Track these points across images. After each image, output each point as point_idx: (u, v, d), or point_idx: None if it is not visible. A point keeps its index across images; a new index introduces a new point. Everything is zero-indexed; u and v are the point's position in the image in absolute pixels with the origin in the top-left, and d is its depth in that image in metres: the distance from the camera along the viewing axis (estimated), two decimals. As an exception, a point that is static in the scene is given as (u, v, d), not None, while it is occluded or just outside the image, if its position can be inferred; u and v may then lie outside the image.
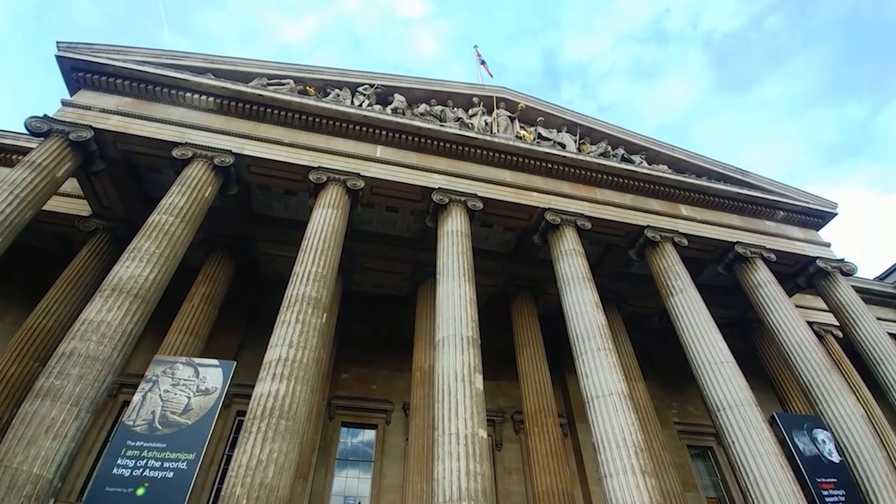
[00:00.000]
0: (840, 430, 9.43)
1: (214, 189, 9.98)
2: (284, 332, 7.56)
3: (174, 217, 8.79)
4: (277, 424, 6.48)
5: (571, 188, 12.35)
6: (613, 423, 7.94)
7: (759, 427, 8.45)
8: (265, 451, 6.20)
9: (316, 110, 11.23)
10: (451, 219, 10.57)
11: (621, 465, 7.45)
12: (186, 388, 6.87)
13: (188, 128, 10.62)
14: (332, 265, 9.00)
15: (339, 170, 10.69)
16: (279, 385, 6.86)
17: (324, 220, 9.55)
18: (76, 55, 10.76)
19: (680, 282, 10.93)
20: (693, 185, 13.08)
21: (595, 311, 9.57)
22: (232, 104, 11.08)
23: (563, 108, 13.98)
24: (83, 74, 10.84)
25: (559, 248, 11.05)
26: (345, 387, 13.74)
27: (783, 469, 8.06)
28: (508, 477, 12.91)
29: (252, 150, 10.54)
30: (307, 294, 8.16)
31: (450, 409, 7.35)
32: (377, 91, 12.59)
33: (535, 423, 10.83)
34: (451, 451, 6.88)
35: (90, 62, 10.78)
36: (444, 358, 8.07)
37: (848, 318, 12.10)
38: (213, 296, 11.24)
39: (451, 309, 8.76)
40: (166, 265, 8.25)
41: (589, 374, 8.73)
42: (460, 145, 11.88)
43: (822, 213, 13.97)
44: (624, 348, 12.95)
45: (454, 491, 6.48)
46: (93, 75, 10.85)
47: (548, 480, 9.93)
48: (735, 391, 8.94)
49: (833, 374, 9.91)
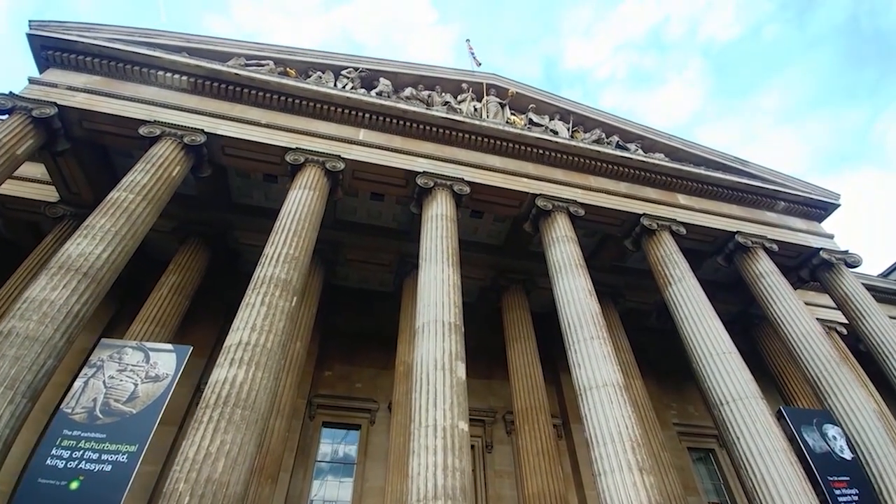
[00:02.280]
0: (851, 425, 8.77)
1: (183, 169, 9.37)
2: (248, 315, 6.91)
3: (135, 195, 8.17)
4: (232, 414, 5.81)
5: (564, 175, 11.79)
6: (608, 416, 7.28)
7: (766, 422, 7.79)
8: (215, 444, 5.52)
9: (296, 91, 10.69)
10: (436, 203, 9.98)
11: (616, 462, 6.77)
12: (134, 374, 6.20)
13: (159, 106, 10.06)
14: (306, 247, 8.38)
15: (319, 151, 10.11)
16: (237, 371, 6.20)
17: (299, 200, 8.94)
18: (46, 33, 10.23)
19: (678, 270, 10.33)
20: (691, 174, 12.56)
21: (588, 298, 8.95)
22: (207, 84, 10.53)
23: (555, 96, 13.47)
24: (53, 52, 10.31)
25: (551, 234, 10.46)
26: (327, 385, 13.05)
27: (793, 467, 7.39)
28: (500, 480, 12.17)
29: (226, 130, 9.96)
30: (276, 275, 7.53)
31: (427, 400, 6.68)
32: (362, 75, 12.07)
33: (525, 420, 10.12)
34: (428, 444, 6.20)
35: (60, 39, 10.24)
36: (424, 345, 7.42)
37: (854, 311, 11.51)
38: (184, 285, 10.58)
39: (433, 294, 8.12)
40: (123, 245, 7.60)
41: (581, 363, 8.08)
42: (447, 129, 11.34)
43: (824, 203, 13.44)
44: (621, 343, 12.30)
45: (429, 488, 5.80)
46: (63, 53, 10.31)
47: (539, 482, 9.20)
48: (739, 384, 8.29)
49: (842, 367, 9.27)
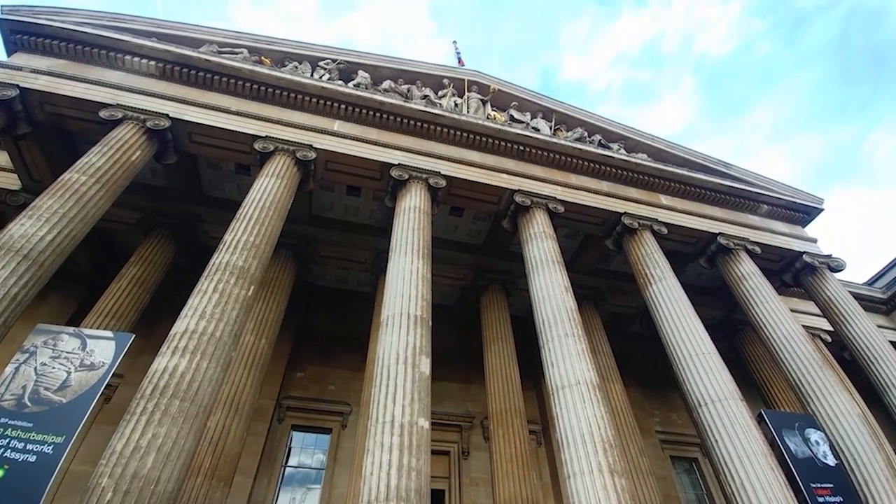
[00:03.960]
0: (835, 430, 8.45)
1: (144, 154, 8.97)
2: (197, 303, 6.48)
3: (88, 177, 7.75)
4: (169, 406, 5.36)
5: (544, 172, 11.54)
6: (580, 416, 6.90)
7: (746, 424, 7.46)
8: (146, 437, 5.06)
9: (269, 79, 10.38)
10: (410, 195, 9.65)
11: (587, 464, 6.38)
12: (69, 361, 5.74)
13: (123, 90, 9.71)
14: (269, 236, 7.98)
15: (289, 140, 9.77)
16: (179, 360, 5.76)
17: (264, 188, 8.57)
18: (16, 17, 9.94)
19: (659, 270, 10.06)
20: (674, 175, 12.37)
21: (564, 295, 8.61)
22: (176, 69, 10.20)
23: (538, 94, 13.30)
24: (22, 37, 10.01)
25: (528, 231, 10.15)
26: (299, 387, 12.54)
27: (773, 471, 7.03)
28: (475, 488, 11.67)
29: (193, 116, 9.60)
30: (232, 262, 7.11)
31: (386, 395, 6.26)
32: (340, 67, 11.80)
33: (499, 424, 9.68)
34: (384, 441, 5.77)
35: (30, 23, 9.95)
36: (386, 338, 7.01)
37: (838, 316, 11.29)
38: (145, 278, 10.10)
39: (400, 286, 7.74)
40: (71, 228, 7.16)
41: (555, 362, 7.71)
42: (426, 123, 11.06)
43: (807, 208, 13.31)
44: (601, 347, 11.97)
45: (381, 490, 5.36)
46: (31, 37, 10.02)
47: (511, 488, 8.74)
48: (718, 384, 7.97)
49: (825, 370, 8.99)
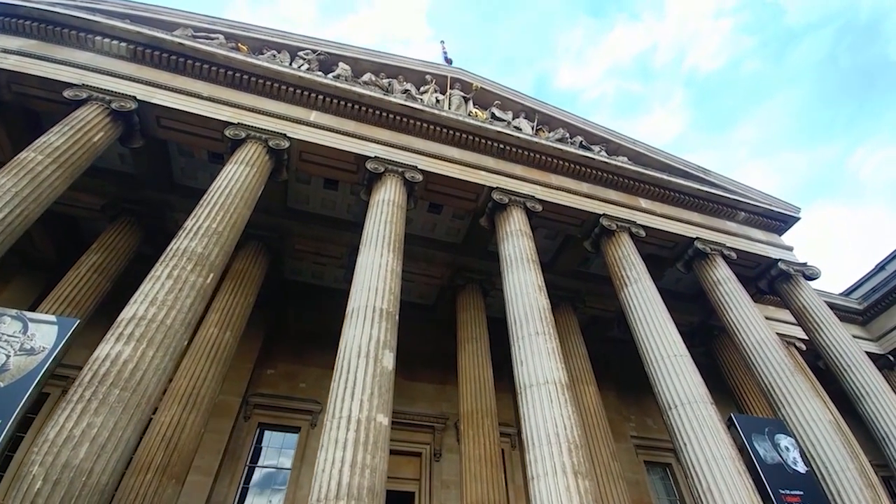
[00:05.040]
0: (806, 436, 8.40)
1: (108, 136, 8.64)
2: (149, 289, 6.18)
3: (45, 157, 7.42)
4: (108, 394, 5.05)
5: (524, 171, 11.42)
6: (546, 416, 6.72)
7: (715, 427, 7.35)
8: (80, 426, 4.75)
9: (244, 66, 10.13)
10: (385, 188, 9.45)
11: (550, 465, 6.20)
12: (8, 344, 5.41)
13: (92, 71, 9.40)
14: (234, 224, 7.70)
15: (263, 128, 9.52)
16: (124, 347, 5.45)
17: (231, 175, 8.29)
18: (-13, -3, 9.65)
19: (635, 272, 9.98)
20: (653, 178, 12.36)
21: (537, 294, 8.46)
22: (147, 52, 9.90)
23: (520, 94, 13.23)
24: (-4, 18, 9.72)
25: (505, 229, 10.01)
26: (268, 384, 12.17)
27: (741, 476, 6.93)
28: (446, 491, 11.41)
29: (162, 100, 9.31)
30: (191, 249, 6.82)
31: (345, 389, 6.01)
32: (320, 58, 11.59)
33: (470, 424, 9.46)
34: (338, 437, 5.52)
35: (2, 3, 9.75)
36: (350, 331, 6.79)
37: (812, 323, 11.33)
38: (106, 266, 9.72)
39: (367, 278, 7.52)
40: (24, 207, 6.82)
41: (524, 360, 7.54)
42: (405, 117, 10.89)
43: (784, 216, 13.41)
44: (577, 349, 11.84)
45: (332, 487, 5.10)
46: (4, 17, 9.82)
47: (479, 490, 8.50)
48: (688, 387, 7.87)
49: (797, 375, 8.96)
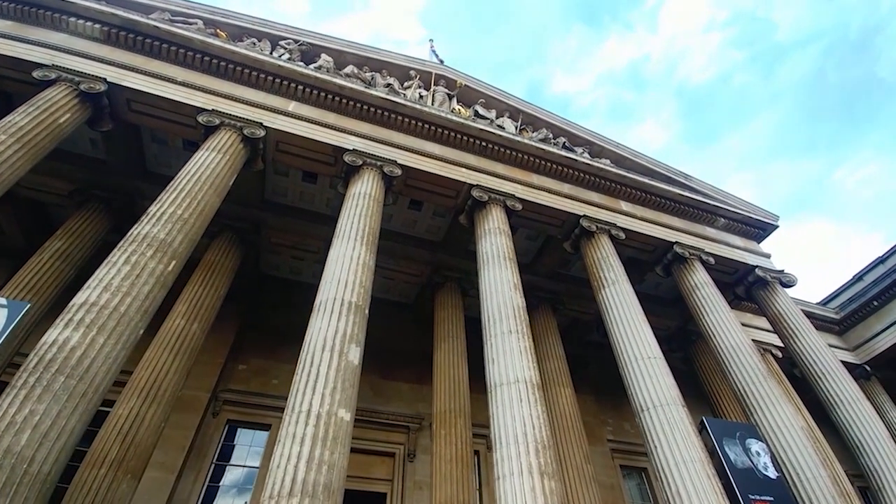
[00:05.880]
0: (777, 442, 8.39)
1: (75, 118, 8.34)
2: (104, 274, 5.92)
3: (8, 136, 7.12)
4: (52, 381, 4.79)
5: (506, 170, 11.34)
6: (515, 415, 6.59)
7: (685, 430, 7.29)
8: (23, 413, 4.50)
9: (223, 53, 9.89)
10: (362, 181, 9.27)
11: (517, 465, 6.06)
12: (-50, 329, 5.12)
13: (64, 52, 9.10)
14: (201, 212, 7.46)
15: (238, 116, 9.29)
16: (72, 333, 5.19)
17: (202, 162, 8.05)
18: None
19: (613, 273, 9.93)
20: (635, 182, 12.37)
21: (512, 292, 8.35)
22: (122, 34, 9.61)
23: (505, 93, 13.17)
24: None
25: (483, 226, 9.90)
26: (240, 380, 11.86)
27: (710, 480, 6.87)
28: (419, 492, 11.20)
29: (133, 83, 9.02)
30: (153, 234, 6.58)
31: (306, 383, 5.81)
32: (302, 48, 11.40)
33: (442, 424, 9.29)
34: (296, 432, 5.31)
35: None
36: (316, 324, 6.57)
37: (787, 330, 11.40)
38: (71, 253, 9.37)
39: (338, 271, 7.32)
40: (-25, 188, 6.53)
41: (496, 359, 7.41)
42: (386, 111, 10.73)
43: (763, 224, 13.53)
44: (554, 351, 11.74)
45: (286, 483, 4.89)
46: (-20, -1, 9.40)
47: (449, 491, 8.31)
48: (661, 389, 7.81)
49: (769, 381, 8.97)
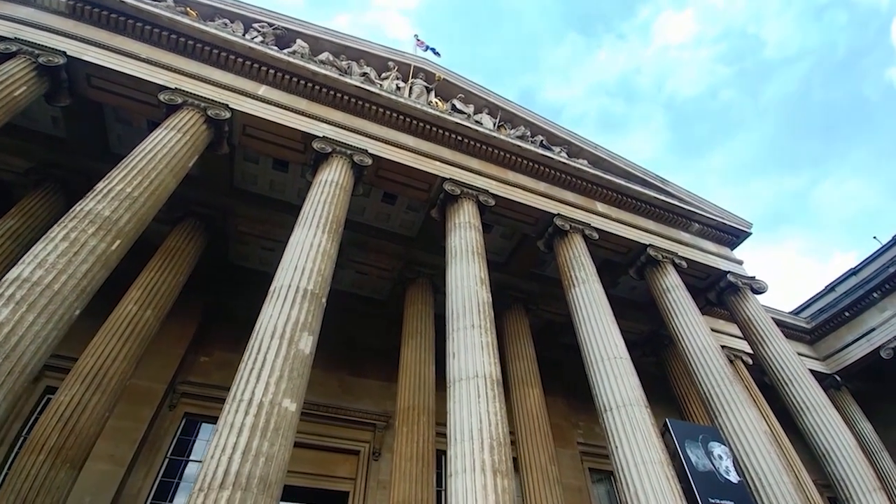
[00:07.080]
0: (740, 445, 8.34)
1: (31, 91, 7.95)
2: (41, 250, 5.58)
3: (-52, 106, 6.74)
4: (-33, 359, 4.47)
5: (481, 165, 11.20)
6: (472, 411, 6.39)
7: (647, 430, 7.18)
8: (-74, 394, 4.17)
9: (191, 31, 9.57)
10: (330, 169, 9.02)
11: (470, 461, 5.86)
12: None
13: (28, 26, 8.74)
14: (154, 191, 7.13)
15: (202, 96, 8.98)
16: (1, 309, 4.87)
17: (159, 139, 7.72)
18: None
19: (584, 273, 9.84)
20: (611, 183, 12.34)
21: (478, 287, 8.18)
22: (87, 9, 9.24)
23: (485, 89, 13.05)
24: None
25: (454, 220, 9.72)
26: (201, 372, 11.48)
27: (669, 482, 6.76)
28: (382, 492, 10.92)
29: (94, 58, 8.67)
30: (96, 211, 6.24)
31: (251, 371, 5.54)
32: (277, 32, 11.13)
33: (405, 421, 9.05)
34: (234, 421, 5.04)
35: None
36: (268, 311, 6.30)
37: (756, 336, 11.43)
38: (23, 233, 8.93)
39: (295, 258, 7.05)
40: None
41: (456, 353, 7.22)
42: (360, 100, 10.51)
43: (737, 230, 13.62)
44: (525, 351, 11.59)
45: (219, 475, 4.61)
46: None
47: (406, 490, 8.07)
48: (625, 390, 7.71)
49: (735, 384, 8.94)
